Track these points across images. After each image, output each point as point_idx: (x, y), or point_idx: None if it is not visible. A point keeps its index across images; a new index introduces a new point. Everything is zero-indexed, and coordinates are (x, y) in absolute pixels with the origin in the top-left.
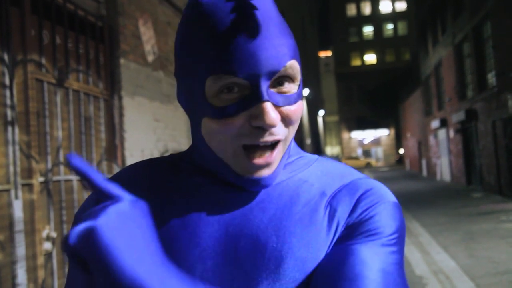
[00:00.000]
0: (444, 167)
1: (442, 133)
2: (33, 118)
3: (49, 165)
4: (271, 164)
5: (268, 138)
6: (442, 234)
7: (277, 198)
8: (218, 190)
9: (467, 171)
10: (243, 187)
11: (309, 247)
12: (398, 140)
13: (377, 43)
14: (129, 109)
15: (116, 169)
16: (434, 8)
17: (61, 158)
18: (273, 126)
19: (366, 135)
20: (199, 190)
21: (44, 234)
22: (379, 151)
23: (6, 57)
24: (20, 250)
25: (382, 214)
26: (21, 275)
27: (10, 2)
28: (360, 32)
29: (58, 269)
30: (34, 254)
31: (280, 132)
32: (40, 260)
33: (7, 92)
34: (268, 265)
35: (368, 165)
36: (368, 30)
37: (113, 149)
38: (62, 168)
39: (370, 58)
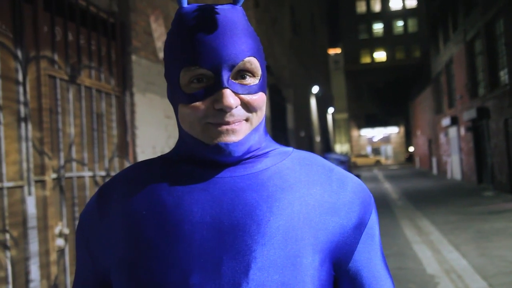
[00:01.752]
0: (454, 165)
1: (452, 131)
2: (46, 114)
3: (62, 161)
4: (236, 132)
5: (229, 118)
6: (453, 232)
7: (268, 182)
8: (208, 175)
9: (478, 169)
10: (217, 160)
11: (303, 222)
12: (408, 138)
13: (387, 40)
14: (140, 105)
15: (128, 165)
16: (445, 4)
17: (74, 155)
18: (230, 108)
19: (376, 133)
20: (191, 176)
21: (57, 230)
22: (388, 149)
23: (19, 53)
24: (33, 246)
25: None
26: (34, 271)
27: None
28: (370, 29)
29: (70, 266)
30: (47, 251)
31: (240, 114)
32: (53, 256)
33: (21, 89)
34: (263, 233)
35: (377, 163)
36: (378, 27)
37: (124, 145)
38: (74, 164)
39: (380, 56)
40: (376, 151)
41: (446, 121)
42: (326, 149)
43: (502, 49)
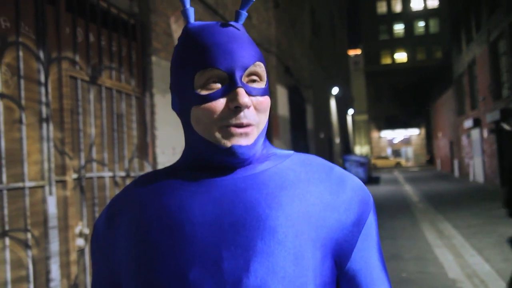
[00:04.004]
0: (477, 167)
1: (475, 133)
2: (67, 115)
3: (82, 161)
4: (248, 135)
5: (243, 120)
6: (476, 236)
7: (268, 181)
8: (210, 178)
9: (502, 172)
10: (225, 163)
11: (302, 219)
12: (429, 140)
13: (408, 41)
14: (160, 106)
15: (147, 167)
16: (468, 4)
17: (94, 155)
18: (245, 105)
19: (396, 135)
20: (193, 181)
21: (77, 230)
22: (409, 151)
23: (41, 54)
24: (54, 246)
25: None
26: (55, 271)
27: (46, 0)
28: (390, 30)
29: (90, 266)
30: (67, 250)
31: (252, 116)
32: (73, 256)
33: (43, 90)
34: (263, 228)
35: (397, 164)
36: (398, 27)
37: (144, 146)
38: (94, 165)
39: (401, 56)
40: (396, 153)
41: (468, 123)
42: (345, 151)
43: None
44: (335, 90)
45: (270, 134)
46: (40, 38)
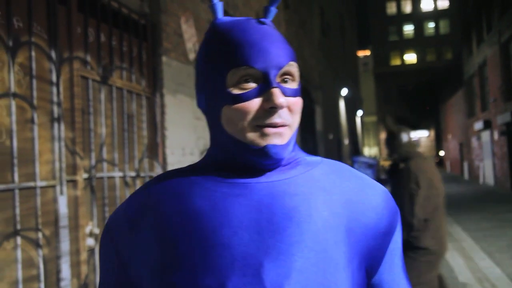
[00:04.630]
0: (487, 170)
1: (485, 135)
2: (78, 114)
3: (93, 161)
4: (282, 135)
5: (277, 120)
6: (486, 240)
7: (304, 187)
8: (244, 180)
9: None
10: (258, 164)
11: (338, 226)
12: (438, 142)
13: (418, 42)
14: (170, 107)
15: (157, 167)
16: (479, 5)
17: (104, 155)
18: (281, 106)
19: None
20: (226, 182)
21: (87, 230)
22: None
23: (53, 54)
24: (64, 245)
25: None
26: (65, 270)
27: (57, 0)
28: (400, 31)
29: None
30: (78, 250)
31: (286, 117)
32: (83, 255)
33: (54, 89)
34: (304, 236)
35: None
36: (408, 28)
37: (154, 146)
38: (105, 164)
39: (410, 58)
40: None
41: (478, 125)
42: (354, 152)
43: None
44: (344, 91)
45: None
46: (52, 38)
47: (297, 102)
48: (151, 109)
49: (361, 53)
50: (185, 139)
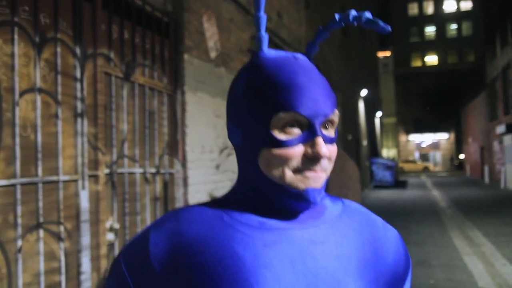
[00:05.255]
0: (509, 174)
1: (508, 138)
2: (100, 110)
3: (114, 157)
4: (319, 179)
5: (317, 167)
6: (508, 245)
7: (333, 236)
8: (279, 226)
9: None
10: (294, 206)
11: (370, 277)
12: (459, 145)
13: (439, 44)
14: (191, 104)
15: (177, 164)
16: (504, 6)
17: (126, 151)
18: (325, 156)
19: (425, 139)
20: (263, 228)
21: (108, 225)
22: (437, 156)
23: (78, 50)
24: (85, 239)
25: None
26: (86, 264)
27: None
28: (421, 32)
29: None
30: (98, 244)
31: (325, 164)
32: (103, 250)
33: (78, 85)
34: (343, 285)
35: (425, 169)
36: (430, 30)
37: (174, 143)
38: (126, 160)
39: (432, 59)
40: (424, 157)
41: (501, 129)
42: (373, 154)
43: None
44: (363, 92)
45: None
46: (77, 34)
47: (335, 150)
48: (172, 106)
49: (381, 54)
50: (205, 136)
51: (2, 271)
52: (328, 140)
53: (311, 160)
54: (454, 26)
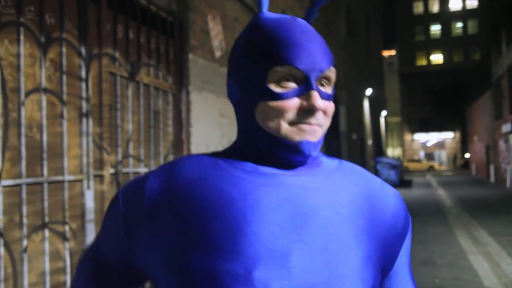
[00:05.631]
0: None
1: None
2: (105, 110)
3: (119, 157)
4: (315, 132)
5: (313, 120)
6: None
7: (331, 186)
8: (273, 172)
9: None
10: (289, 159)
11: (363, 228)
12: (464, 144)
13: (445, 42)
14: (196, 104)
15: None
16: (510, 4)
17: (131, 151)
18: (320, 108)
19: (430, 138)
20: (256, 172)
21: None
22: (442, 155)
23: (83, 50)
24: (90, 239)
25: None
26: None
27: None
28: (427, 31)
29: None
30: None
31: (321, 119)
32: None
33: (83, 85)
34: (333, 234)
35: (430, 168)
36: (435, 28)
37: (179, 143)
38: (131, 160)
39: (437, 58)
40: (429, 156)
41: (506, 127)
42: (377, 153)
43: None
44: (368, 91)
45: None
46: (82, 34)
47: (331, 106)
48: (177, 106)
49: (386, 53)
50: (210, 136)
51: (8, 270)
52: (324, 96)
53: (306, 112)
54: (459, 25)
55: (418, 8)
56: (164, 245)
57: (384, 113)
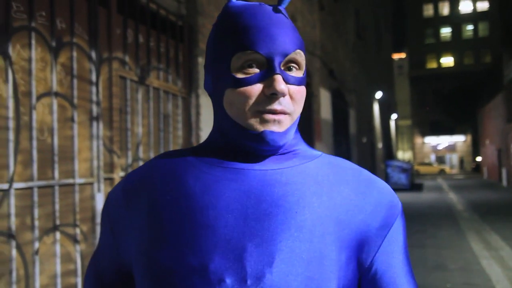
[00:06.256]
0: None
1: None
2: (116, 114)
3: (129, 160)
4: (280, 122)
5: (277, 106)
6: None
7: (296, 178)
8: (238, 166)
9: None
10: (255, 149)
11: (329, 218)
12: (475, 147)
13: (455, 45)
14: (205, 107)
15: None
16: None
17: (141, 154)
18: (282, 93)
19: (441, 141)
20: (220, 166)
21: None
22: (454, 158)
23: (93, 55)
24: None
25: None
26: None
27: (98, 1)
28: (437, 34)
29: None
30: None
31: (287, 105)
32: None
33: (94, 89)
34: (290, 225)
35: (441, 172)
36: (445, 31)
37: (189, 146)
38: (141, 163)
39: (447, 61)
40: (440, 159)
41: None
42: (388, 156)
43: None
44: (378, 94)
45: (312, 137)
46: (93, 38)
47: (300, 91)
48: (187, 110)
49: (396, 56)
50: None
51: (19, 272)
52: (291, 81)
53: (269, 98)
54: (470, 27)
55: (428, 11)
56: (136, 238)
57: (394, 116)
